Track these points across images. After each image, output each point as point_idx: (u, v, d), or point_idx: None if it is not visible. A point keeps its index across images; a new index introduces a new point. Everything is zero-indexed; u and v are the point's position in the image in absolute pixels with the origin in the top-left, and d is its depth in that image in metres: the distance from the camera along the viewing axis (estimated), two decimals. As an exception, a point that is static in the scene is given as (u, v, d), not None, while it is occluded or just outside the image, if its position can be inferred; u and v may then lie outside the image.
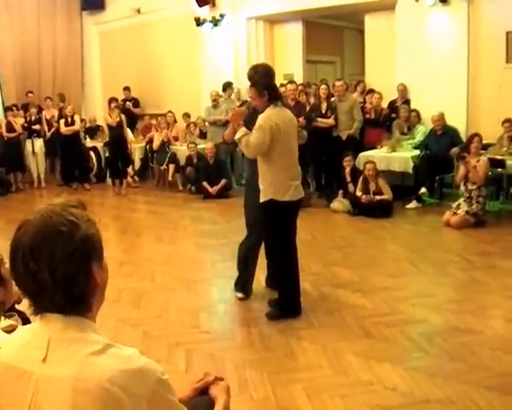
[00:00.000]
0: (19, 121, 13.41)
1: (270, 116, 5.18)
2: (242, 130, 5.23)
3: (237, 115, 5.44)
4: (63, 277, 1.52)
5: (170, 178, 12.58)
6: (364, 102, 11.37)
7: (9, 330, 2.93)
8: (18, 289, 2.50)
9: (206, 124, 12.72)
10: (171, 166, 12.43)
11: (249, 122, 5.34)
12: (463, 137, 9.71)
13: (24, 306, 3.11)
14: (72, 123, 13.31)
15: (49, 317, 1.57)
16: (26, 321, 3.40)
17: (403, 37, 10.88)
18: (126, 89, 14.35)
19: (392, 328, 5.05)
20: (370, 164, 9.36)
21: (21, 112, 13.87)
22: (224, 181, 11.34)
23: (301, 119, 10.49)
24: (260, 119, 5.19)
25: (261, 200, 5.37)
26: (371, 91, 11.21)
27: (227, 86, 12.46)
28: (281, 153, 5.22)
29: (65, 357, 1.52)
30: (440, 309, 5.46)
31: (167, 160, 12.51)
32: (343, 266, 6.86)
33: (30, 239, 1.53)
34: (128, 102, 14.19)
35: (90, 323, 1.61)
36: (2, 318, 2.96)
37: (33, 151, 13.54)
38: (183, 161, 12.35)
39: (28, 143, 13.55)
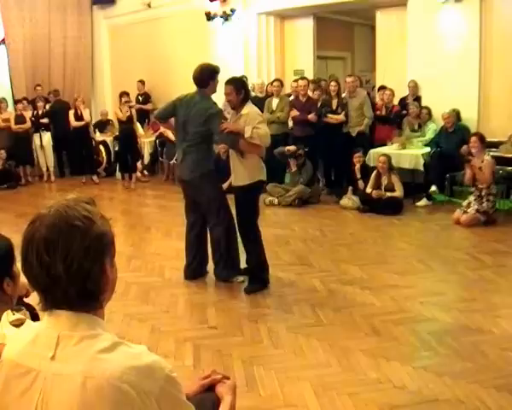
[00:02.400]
0: (27, 115, 13.46)
1: (257, 110, 6.14)
2: (245, 128, 5.81)
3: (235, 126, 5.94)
4: (78, 271, 1.51)
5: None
6: (368, 94, 11.33)
7: (17, 323, 2.93)
8: (27, 282, 2.51)
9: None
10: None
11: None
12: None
13: (34, 300, 3.11)
14: (82, 117, 13.34)
15: (58, 314, 1.56)
16: (34, 315, 3.41)
17: (414, 33, 10.81)
18: (141, 82, 14.32)
19: (401, 326, 5.02)
20: (383, 157, 9.32)
21: (30, 105, 13.91)
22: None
23: (312, 115, 10.50)
24: (256, 114, 6.01)
25: (247, 182, 5.99)
26: (383, 88, 11.15)
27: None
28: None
29: (74, 354, 1.51)
30: (450, 308, 5.43)
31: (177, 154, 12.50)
32: (352, 263, 6.83)
33: (45, 233, 1.53)
34: (134, 104, 14.07)
35: (99, 320, 1.60)
36: (11, 312, 2.97)
37: (41, 145, 13.57)
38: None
39: (36, 137, 13.60)
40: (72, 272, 1.51)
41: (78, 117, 13.39)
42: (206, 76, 6.09)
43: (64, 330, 1.54)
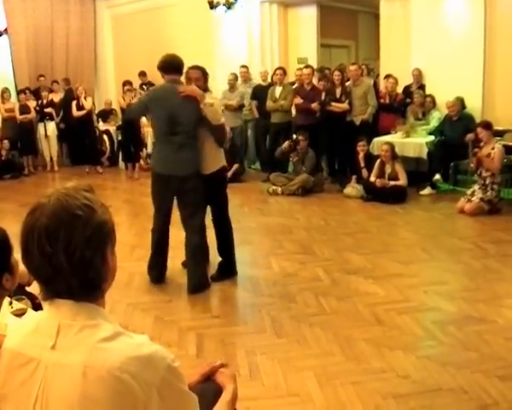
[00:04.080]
0: (31, 104, 13.46)
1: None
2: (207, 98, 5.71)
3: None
4: (80, 261, 1.50)
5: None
6: (375, 85, 11.29)
7: (19, 313, 2.92)
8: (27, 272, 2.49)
9: (222, 107, 12.68)
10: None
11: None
12: (479, 122, 9.61)
13: (35, 289, 3.10)
14: (83, 106, 13.34)
15: (59, 303, 1.55)
16: (35, 304, 3.40)
17: (418, 21, 10.76)
18: (142, 74, 14.27)
19: (405, 315, 5.01)
20: (386, 145, 9.29)
21: (31, 95, 13.91)
22: (236, 166, 11.29)
23: (315, 104, 10.47)
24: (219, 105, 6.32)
25: (211, 170, 5.90)
26: (388, 76, 11.10)
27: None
28: None
29: (75, 344, 1.50)
30: (453, 297, 5.41)
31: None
32: (355, 252, 6.82)
33: (46, 222, 1.51)
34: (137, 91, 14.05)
35: (100, 310, 1.59)
36: (14, 301, 2.96)
37: (46, 134, 13.58)
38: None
39: (41, 127, 13.62)
40: (74, 262, 1.50)
41: (80, 107, 13.38)
42: (181, 63, 5.82)
43: (64, 319, 1.53)
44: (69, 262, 1.49)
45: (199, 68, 5.95)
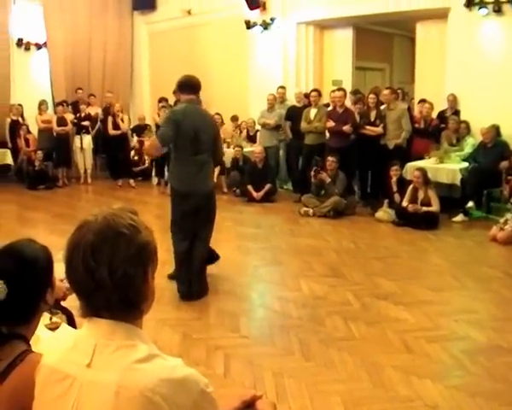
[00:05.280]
0: (68, 117, 13.68)
1: None
2: None
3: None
4: (122, 278, 1.54)
5: (215, 180, 12.60)
6: (408, 109, 11.28)
7: (53, 327, 2.96)
8: (64, 286, 2.54)
9: (257, 127, 12.77)
10: (216, 168, 12.44)
11: None
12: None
13: (69, 303, 3.14)
14: (119, 126, 13.55)
15: (98, 321, 1.58)
16: (70, 319, 3.44)
17: (454, 46, 10.73)
18: (175, 93, 14.39)
19: (434, 344, 4.97)
20: (418, 172, 9.24)
21: (70, 107, 14.15)
22: (268, 186, 11.33)
23: (347, 126, 10.48)
24: None
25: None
26: (423, 101, 11.08)
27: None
28: None
29: (110, 363, 1.52)
30: (483, 327, 5.36)
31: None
32: (386, 277, 6.78)
33: (92, 239, 1.55)
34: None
35: (138, 331, 1.62)
36: (48, 315, 3.00)
37: (81, 147, 13.74)
38: (228, 164, 12.39)
39: (77, 139, 13.79)
40: (116, 278, 1.53)
41: (116, 125, 13.57)
42: (197, 83, 6.03)
43: (102, 338, 1.56)
44: (111, 278, 1.53)
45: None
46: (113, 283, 1.53)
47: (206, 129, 5.93)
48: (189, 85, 6.00)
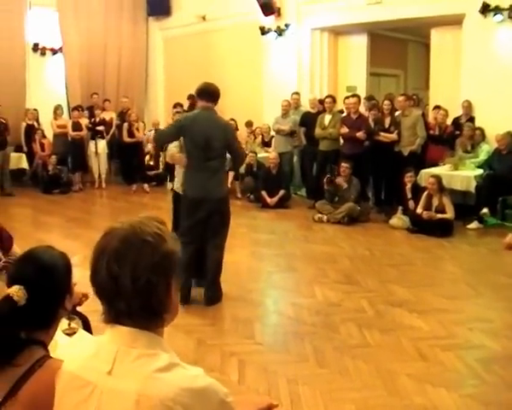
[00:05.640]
0: (83, 122, 13.77)
1: None
2: None
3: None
4: (145, 285, 1.55)
5: (229, 186, 12.62)
6: (423, 115, 11.25)
7: (70, 333, 2.98)
8: (80, 292, 2.56)
9: (272, 133, 12.79)
10: (230, 174, 12.45)
11: None
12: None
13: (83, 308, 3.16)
14: (133, 134, 13.63)
15: (120, 329, 1.60)
16: (85, 324, 3.47)
17: (469, 52, 10.70)
18: (190, 97, 14.44)
19: (449, 352, 4.96)
20: (433, 178, 9.21)
21: (86, 112, 14.24)
22: (282, 192, 11.34)
23: (360, 133, 10.47)
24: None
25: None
26: (437, 107, 11.06)
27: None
28: None
29: (130, 371, 1.53)
30: (498, 335, 5.34)
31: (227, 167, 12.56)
32: (400, 285, 6.77)
33: (116, 245, 1.57)
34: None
35: (159, 339, 1.63)
36: (65, 320, 3.03)
37: (96, 152, 13.81)
38: (242, 169, 12.40)
39: (92, 144, 13.86)
40: (138, 285, 1.54)
41: (131, 133, 13.66)
42: (219, 93, 6.12)
43: (123, 346, 1.57)
44: (134, 285, 1.54)
45: None
46: (135, 289, 1.54)
47: (219, 136, 5.92)
48: (207, 93, 6.05)
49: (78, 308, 3.49)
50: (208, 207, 5.99)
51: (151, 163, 14.16)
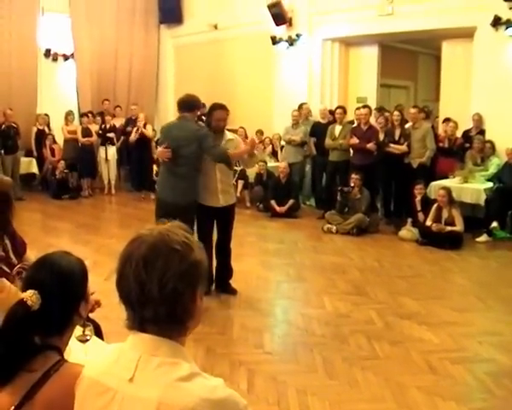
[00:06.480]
0: (93, 128, 13.83)
1: None
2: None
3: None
4: (171, 293, 1.56)
5: (238, 195, 12.63)
6: (432, 127, 11.24)
7: (83, 339, 2.99)
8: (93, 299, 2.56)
9: (282, 142, 12.81)
10: (240, 183, 12.48)
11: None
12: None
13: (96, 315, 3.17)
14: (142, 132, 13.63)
15: (142, 336, 1.61)
16: (97, 330, 3.48)
17: (480, 65, 10.70)
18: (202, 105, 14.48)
19: (458, 365, 4.95)
20: (443, 191, 9.20)
21: (98, 118, 14.28)
22: (291, 201, 11.35)
23: (371, 144, 10.48)
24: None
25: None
26: (447, 120, 11.06)
27: (300, 107, 12.57)
28: None
29: (152, 379, 1.54)
30: (508, 349, 5.32)
31: (236, 176, 12.56)
32: (409, 297, 6.76)
33: (144, 251, 1.59)
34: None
35: (181, 348, 1.64)
36: (80, 327, 3.04)
37: (106, 158, 13.85)
38: (251, 178, 12.43)
39: (102, 150, 13.91)
40: (165, 292, 1.56)
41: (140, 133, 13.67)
42: (196, 103, 6.55)
43: (145, 353, 1.58)
44: (160, 292, 1.56)
45: (227, 109, 6.81)
46: (161, 297, 1.56)
47: (189, 143, 6.21)
48: (184, 103, 6.49)
49: (91, 315, 3.51)
50: (170, 211, 5.98)
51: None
